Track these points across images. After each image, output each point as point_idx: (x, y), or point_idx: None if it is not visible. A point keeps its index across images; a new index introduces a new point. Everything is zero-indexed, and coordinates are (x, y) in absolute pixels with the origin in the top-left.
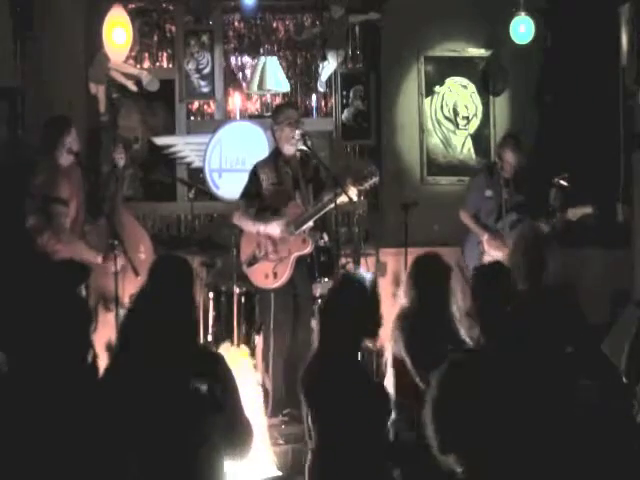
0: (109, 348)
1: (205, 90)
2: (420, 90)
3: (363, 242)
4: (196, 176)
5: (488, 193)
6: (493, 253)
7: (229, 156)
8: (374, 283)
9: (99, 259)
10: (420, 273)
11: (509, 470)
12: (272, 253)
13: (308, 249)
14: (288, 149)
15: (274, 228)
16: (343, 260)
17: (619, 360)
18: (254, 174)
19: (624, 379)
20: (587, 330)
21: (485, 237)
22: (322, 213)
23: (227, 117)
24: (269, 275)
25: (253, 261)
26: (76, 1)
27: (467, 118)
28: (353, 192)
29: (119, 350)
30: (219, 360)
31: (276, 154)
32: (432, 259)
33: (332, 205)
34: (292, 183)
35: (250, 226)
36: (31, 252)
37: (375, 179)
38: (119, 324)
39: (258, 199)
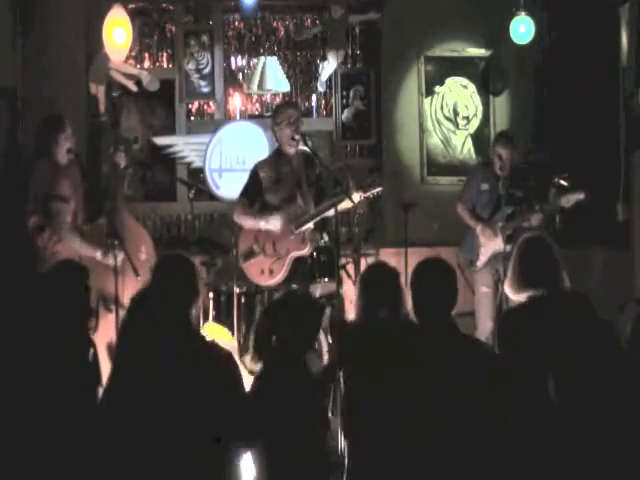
0: (109, 348)
1: (205, 90)
2: (420, 90)
3: (363, 242)
4: (196, 176)
5: (484, 187)
6: (486, 242)
7: (229, 156)
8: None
9: (98, 254)
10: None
11: None
12: (270, 249)
13: (306, 250)
14: (289, 149)
15: (275, 222)
16: (343, 260)
17: None
18: (255, 173)
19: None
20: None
21: (479, 227)
22: (324, 215)
23: (227, 117)
24: (265, 271)
25: (250, 255)
26: (76, 1)
27: (467, 118)
28: (355, 196)
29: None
30: (226, 355)
31: (277, 154)
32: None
33: (334, 208)
34: (294, 183)
35: (251, 223)
36: (31, 253)
37: (378, 189)
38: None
39: (259, 198)
